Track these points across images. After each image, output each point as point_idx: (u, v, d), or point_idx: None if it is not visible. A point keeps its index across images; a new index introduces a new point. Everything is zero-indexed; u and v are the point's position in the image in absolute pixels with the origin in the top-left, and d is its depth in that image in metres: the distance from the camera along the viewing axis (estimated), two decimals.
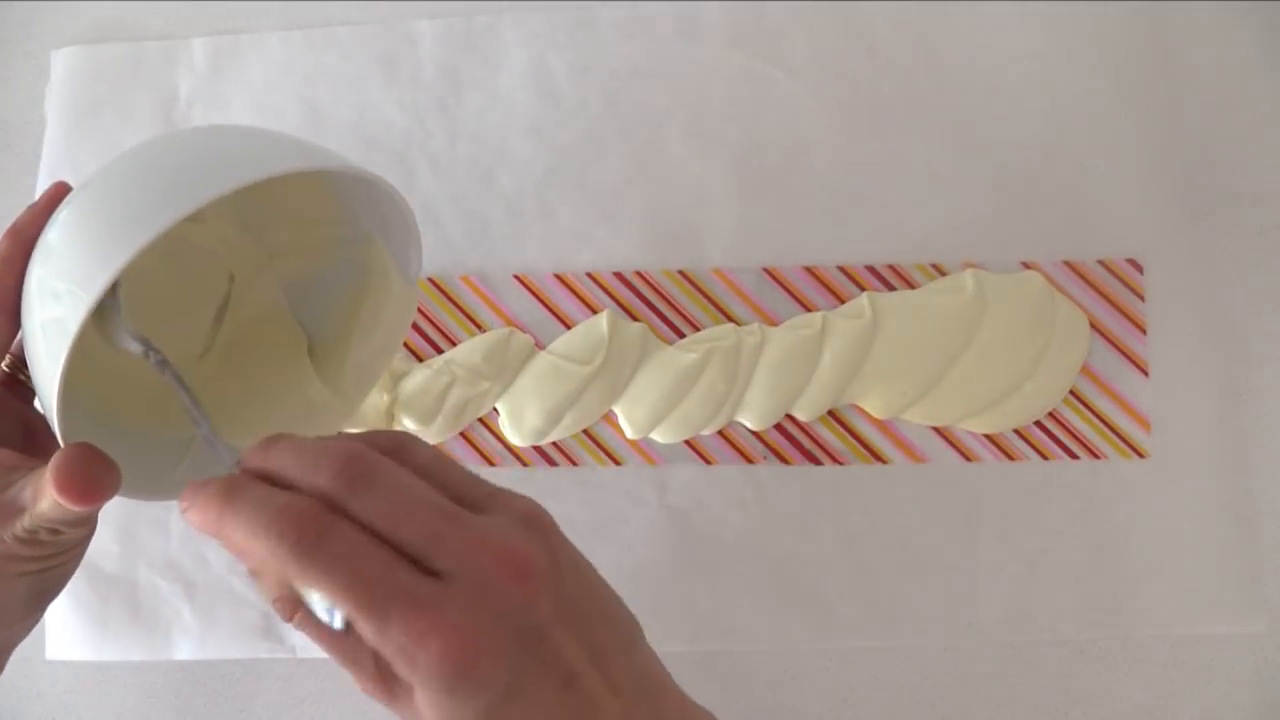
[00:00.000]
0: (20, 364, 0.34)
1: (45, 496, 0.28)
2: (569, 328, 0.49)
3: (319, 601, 0.25)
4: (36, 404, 0.35)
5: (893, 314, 0.48)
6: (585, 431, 0.49)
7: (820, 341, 0.47)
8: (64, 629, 0.49)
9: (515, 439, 0.49)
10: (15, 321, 0.32)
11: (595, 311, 0.49)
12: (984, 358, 0.47)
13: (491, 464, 0.49)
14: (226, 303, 0.40)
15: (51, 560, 0.32)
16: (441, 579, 0.25)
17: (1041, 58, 0.51)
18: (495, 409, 0.49)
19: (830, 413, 0.48)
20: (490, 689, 0.25)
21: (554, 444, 0.49)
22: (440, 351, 0.50)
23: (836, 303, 0.49)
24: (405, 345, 0.50)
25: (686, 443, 0.48)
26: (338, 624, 0.25)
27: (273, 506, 0.25)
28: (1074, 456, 0.47)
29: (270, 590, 0.26)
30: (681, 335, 0.49)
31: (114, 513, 0.48)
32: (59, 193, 0.33)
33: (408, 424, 0.48)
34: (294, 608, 0.25)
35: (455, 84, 0.53)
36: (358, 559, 0.24)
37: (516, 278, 0.50)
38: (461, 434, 0.49)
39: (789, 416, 0.48)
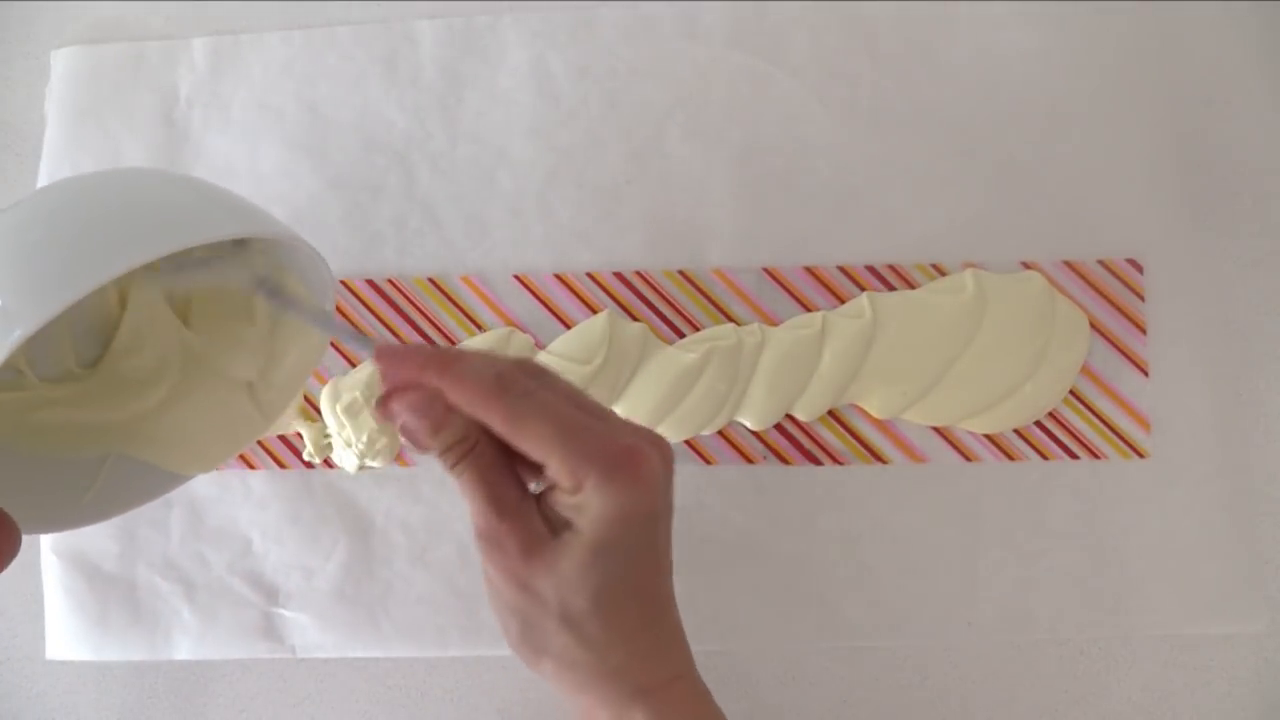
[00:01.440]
0: None
1: None
2: (569, 328, 0.49)
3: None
4: None
5: (893, 314, 0.48)
6: None
7: (820, 341, 0.47)
8: (64, 629, 0.49)
9: None
10: None
11: (595, 311, 0.49)
12: (984, 358, 0.47)
13: None
14: None
15: None
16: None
17: (1041, 58, 0.51)
18: None
19: (830, 413, 0.48)
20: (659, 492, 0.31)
21: None
22: None
23: (836, 303, 0.49)
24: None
25: (686, 443, 0.48)
26: None
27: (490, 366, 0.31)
28: (1074, 457, 0.47)
29: (451, 437, 0.31)
30: (681, 335, 0.49)
31: None
32: None
33: None
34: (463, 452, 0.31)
35: (455, 84, 0.53)
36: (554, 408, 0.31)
37: (516, 278, 0.50)
38: None
39: (789, 416, 0.48)
